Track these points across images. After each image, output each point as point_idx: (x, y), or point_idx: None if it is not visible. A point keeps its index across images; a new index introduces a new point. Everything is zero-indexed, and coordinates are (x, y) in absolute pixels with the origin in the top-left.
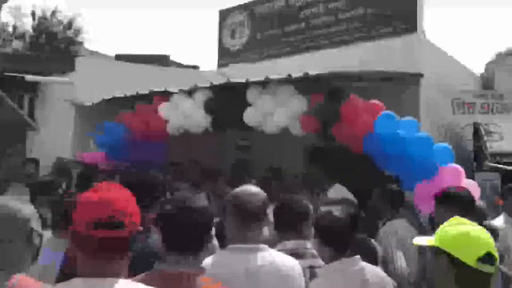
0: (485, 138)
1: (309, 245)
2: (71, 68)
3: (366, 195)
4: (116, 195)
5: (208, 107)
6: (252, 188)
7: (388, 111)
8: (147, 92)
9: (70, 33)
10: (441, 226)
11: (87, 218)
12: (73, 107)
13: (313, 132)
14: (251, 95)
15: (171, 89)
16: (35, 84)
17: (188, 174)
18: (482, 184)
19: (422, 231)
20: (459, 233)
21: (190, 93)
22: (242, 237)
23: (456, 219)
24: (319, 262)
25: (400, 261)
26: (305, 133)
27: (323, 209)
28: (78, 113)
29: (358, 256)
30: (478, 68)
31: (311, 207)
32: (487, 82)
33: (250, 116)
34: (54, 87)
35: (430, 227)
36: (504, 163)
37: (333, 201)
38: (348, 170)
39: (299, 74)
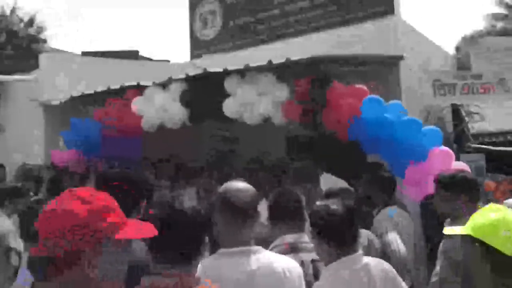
0: (466, 119)
1: (308, 238)
2: (35, 65)
3: (355, 184)
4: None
5: (184, 100)
6: (240, 183)
7: (373, 95)
8: (118, 86)
9: (32, 30)
10: (474, 214)
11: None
12: (40, 107)
13: (297, 120)
14: (230, 85)
15: (144, 83)
16: None
17: (170, 172)
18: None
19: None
20: (493, 220)
21: (164, 86)
22: (232, 237)
23: (490, 206)
24: None
25: (397, 243)
26: (288, 122)
27: (319, 203)
28: (46, 113)
29: (360, 252)
30: (450, 50)
31: (303, 198)
32: (462, 63)
33: (229, 107)
34: (18, 86)
35: (423, 213)
36: (488, 143)
37: (330, 192)
38: (335, 159)
39: (280, 61)
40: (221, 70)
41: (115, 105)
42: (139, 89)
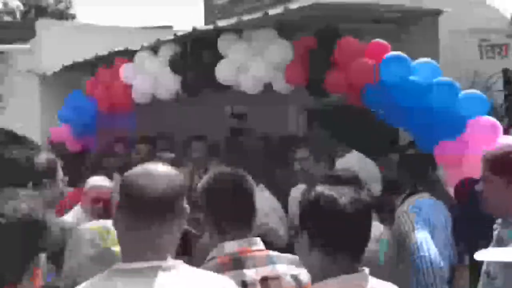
0: None
1: (260, 243)
2: (32, 34)
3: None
4: None
5: (176, 66)
6: (158, 167)
7: (396, 53)
8: (106, 53)
9: (61, 6)
10: None
11: None
12: (36, 78)
13: (302, 85)
14: (223, 45)
15: (133, 47)
16: None
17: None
18: None
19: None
20: None
21: (156, 51)
22: (134, 247)
23: None
24: (280, 269)
25: (427, 247)
26: (292, 88)
27: (320, 189)
28: (42, 84)
29: (366, 270)
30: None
31: (254, 186)
32: None
33: (222, 72)
34: (18, 57)
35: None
36: None
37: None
38: (356, 134)
39: (277, 11)
40: (211, 27)
41: (104, 74)
42: (129, 56)
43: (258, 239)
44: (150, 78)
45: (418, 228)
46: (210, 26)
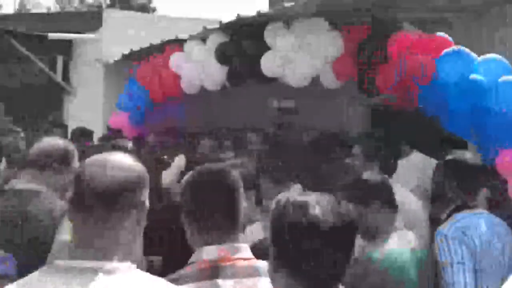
0: None
1: (245, 250)
2: (99, 24)
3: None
4: None
5: (222, 55)
6: (115, 156)
7: (459, 47)
8: (159, 42)
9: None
10: None
11: None
12: (101, 66)
13: (352, 80)
14: (270, 35)
15: (183, 36)
16: (68, 44)
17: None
18: None
19: None
20: None
21: (204, 39)
22: (81, 243)
23: None
24: (264, 284)
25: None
26: (341, 83)
27: (291, 195)
28: (106, 73)
29: None
30: None
31: (241, 183)
32: None
33: (267, 64)
34: (87, 46)
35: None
36: None
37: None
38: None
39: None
40: (254, 15)
41: (154, 63)
42: (180, 45)
43: (244, 246)
44: (197, 68)
45: (458, 264)
46: (253, 14)
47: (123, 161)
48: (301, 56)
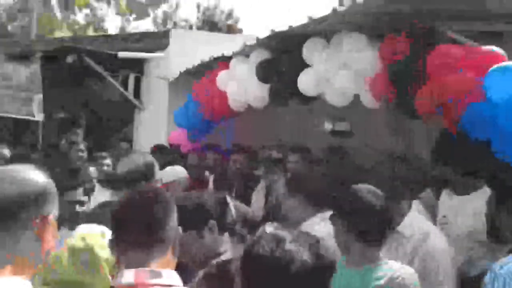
0: None
1: (169, 276)
2: (167, 43)
3: None
4: None
5: (261, 73)
6: (14, 170)
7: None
8: (207, 60)
9: (230, 21)
10: None
11: None
12: (165, 84)
13: (389, 101)
14: (308, 51)
15: (227, 53)
16: (140, 62)
17: None
18: None
19: None
20: None
21: (248, 55)
22: None
23: None
24: None
25: None
26: (379, 103)
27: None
28: (170, 89)
29: None
30: None
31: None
32: None
33: (305, 82)
34: (156, 64)
35: None
36: None
37: None
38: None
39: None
40: (286, 30)
41: (206, 81)
42: (229, 61)
43: (167, 271)
44: (241, 85)
45: None
46: (285, 29)
47: (21, 175)
48: (339, 74)
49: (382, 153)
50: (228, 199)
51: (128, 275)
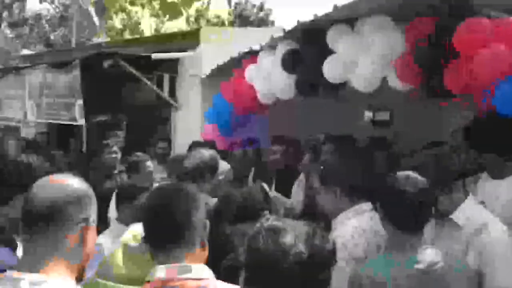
0: None
1: (197, 271)
2: (198, 41)
3: None
4: None
5: (286, 64)
6: (59, 179)
7: None
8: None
9: (262, 14)
10: None
11: None
12: (198, 81)
13: (415, 84)
14: (332, 38)
15: (255, 47)
16: (173, 62)
17: None
18: None
19: None
20: None
21: (274, 48)
22: (23, 255)
23: None
24: None
25: None
26: (405, 86)
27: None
28: (202, 87)
29: None
30: None
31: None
32: None
33: (330, 69)
34: (189, 63)
35: None
36: None
37: None
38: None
39: None
40: (312, 20)
41: (235, 76)
42: (256, 56)
43: (199, 267)
44: (267, 78)
45: None
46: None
47: (62, 182)
48: (364, 58)
49: (424, 141)
50: (267, 188)
51: (160, 271)
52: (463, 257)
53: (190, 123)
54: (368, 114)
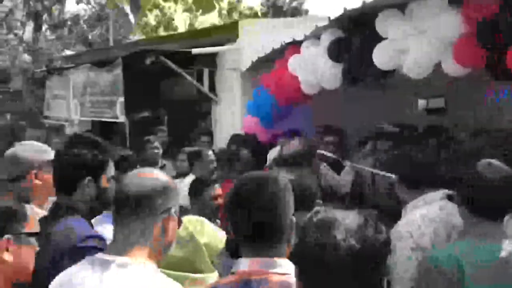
0: None
1: (285, 264)
2: (237, 34)
3: None
4: None
5: (333, 52)
6: (147, 171)
7: None
8: (279, 46)
9: (295, 3)
10: None
11: None
12: (237, 74)
13: (479, 65)
14: (382, 24)
15: (299, 38)
16: (213, 57)
17: None
18: None
19: None
20: None
21: (319, 37)
22: (113, 240)
23: None
24: None
25: None
26: (460, 70)
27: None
28: (242, 79)
29: None
30: None
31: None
32: None
33: (381, 55)
34: (228, 57)
35: None
36: None
37: None
38: None
39: None
40: (360, 7)
41: (277, 67)
42: (298, 46)
43: (283, 261)
44: (312, 67)
45: None
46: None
47: (151, 174)
48: (417, 42)
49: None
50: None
51: (244, 263)
52: None
53: (231, 117)
54: (421, 102)
